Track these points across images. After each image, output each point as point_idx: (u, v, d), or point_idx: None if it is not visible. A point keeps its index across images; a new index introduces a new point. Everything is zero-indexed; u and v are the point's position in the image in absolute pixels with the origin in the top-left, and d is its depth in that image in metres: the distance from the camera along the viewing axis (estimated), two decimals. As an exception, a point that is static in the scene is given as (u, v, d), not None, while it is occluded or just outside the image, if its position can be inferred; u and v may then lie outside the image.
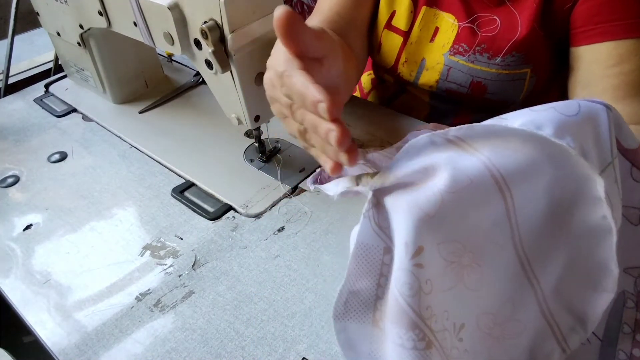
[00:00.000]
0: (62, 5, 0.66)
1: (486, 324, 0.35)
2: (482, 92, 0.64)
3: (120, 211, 0.56)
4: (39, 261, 0.51)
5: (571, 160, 0.31)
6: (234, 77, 0.49)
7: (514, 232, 0.33)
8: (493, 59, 0.61)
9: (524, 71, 0.61)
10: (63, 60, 0.79)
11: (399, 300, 0.31)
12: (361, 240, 0.33)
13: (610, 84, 0.54)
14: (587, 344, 0.37)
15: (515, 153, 0.31)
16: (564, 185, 0.32)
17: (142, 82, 0.78)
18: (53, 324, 0.44)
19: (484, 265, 0.33)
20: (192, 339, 0.42)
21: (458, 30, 0.63)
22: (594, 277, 0.34)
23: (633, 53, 0.53)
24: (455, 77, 0.65)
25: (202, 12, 0.46)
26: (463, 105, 0.70)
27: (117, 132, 0.69)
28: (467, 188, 0.30)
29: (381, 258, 0.33)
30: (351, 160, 0.33)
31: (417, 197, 0.31)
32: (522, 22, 0.59)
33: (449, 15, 0.64)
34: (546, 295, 0.35)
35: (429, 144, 0.32)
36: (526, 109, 0.32)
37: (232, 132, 0.67)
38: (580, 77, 0.58)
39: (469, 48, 0.62)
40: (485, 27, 0.62)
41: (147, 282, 0.48)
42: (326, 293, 0.45)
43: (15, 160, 0.66)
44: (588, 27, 0.56)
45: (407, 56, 0.68)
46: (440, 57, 0.65)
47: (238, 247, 0.51)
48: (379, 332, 0.35)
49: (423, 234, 0.31)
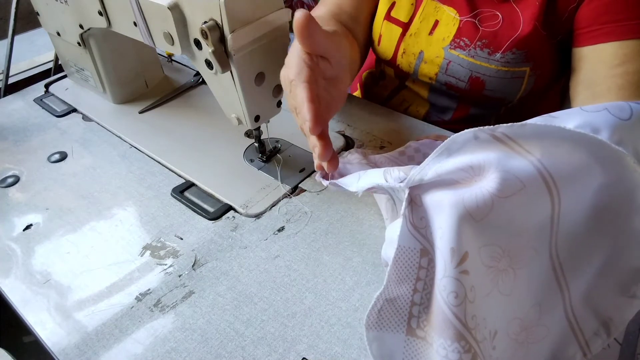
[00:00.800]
0: (62, 5, 0.66)
1: (514, 330, 0.33)
2: (480, 88, 0.64)
3: (120, 211, 0.56)
4: (39, 261, 0.51)
5: (624, 166, 0.29)
6: (234, 77, 0.49)
7: (552, 237, 0.32)
8: (493, 54, 0.61)
9: (523, 69, 0.61)
10: (63, 60, 0.79)
11: (445, 310, 0.30)
12: (401, 243, 0.32)
13: (615, 84, 0.54)
14: (607, 348, 0.36)
15: (567, 155, 0.29)
16: (613, 192, 0.31)
17: (142, 82, 0.77)
18: (53, 324, 0.44)
19: (518, 269, 0.31)
20: (192, 339, 0.42)
21: (459, 25, 0.63)
22: (627, 283, 0.33)
23: (638, 53, 0.53)
24: (455, 71, 0.65)
25: (202, 12, 0.46)
26: (461, 101, 0.70)
27: (117, 132, 0.69)
28: (519, 193, 0.29)
29: (418, 261, 0.32)
30: (330, 169, 0.42)
31: (464, 198, 0.29)
32: (524, 19, 0.59)
33: (451, 9, 0.64)
34: (573, 299, 0.34)
35: (472, 139, 0.30)
36: (576, 108, 0.31)
37: (232, 132, 0.67)
38: (583, 77, 0.57)
39: (470, 42, 0.62)
40: (487, 22, 0.62)
41: (147, 282, 0.48)
42: (326, 293, 0.45)
43: (15, 160, 0.66)
44: (593, 28, 0.55)
45: (405, 47, 0.69)
46: (440, 51, 0.65)
47: (238, 247, 0.51)
48: (415, 340, 0.33)
49: (469, 238, 0.29)
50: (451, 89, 0.67)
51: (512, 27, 0.60)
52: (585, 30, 0.56)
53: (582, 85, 0.58)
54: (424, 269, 0.32)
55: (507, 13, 0.60)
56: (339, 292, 0.45)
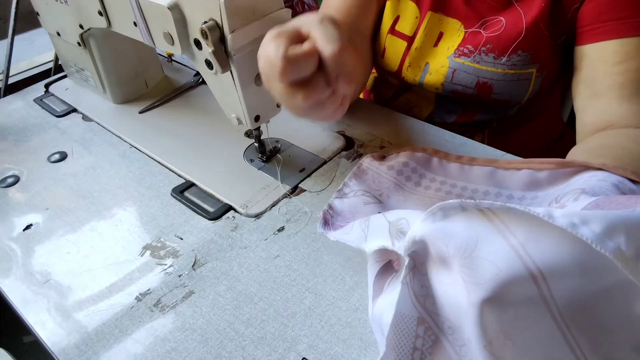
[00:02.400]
0: (62, 5, 0.66)
1: None
2: (488, 93, 0.64)
3: (120, 211, 0.56)
4: (39, 261, 0.51)
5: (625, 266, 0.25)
6: (234, 77, 0.49)
7: (550, 306, 0.29)
8: (499, 58, 0.61)
9: (530, 71, 0.61)
10: (63, 60, 0.79)
11: None
12: (399, 310, 0.31)
13: (616, 82, 0.54)
14: None
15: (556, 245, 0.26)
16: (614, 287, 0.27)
17: (142, 82, 0.78)
18: (53, 324, 0.44)
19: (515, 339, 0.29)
20: (192, 339, 0.42)
21: (465, 36, 0.63)
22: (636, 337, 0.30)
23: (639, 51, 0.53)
24: (461, 79, 0.64)
25: (202, 12, 0.46)
26: (468, 105, 0.69)
27: (117, 132, 0.69)
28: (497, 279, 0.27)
29: (414, 329, 0.31)
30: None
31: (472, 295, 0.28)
32: (527, 21, 0.59)
33: (455, 21, 0.64)
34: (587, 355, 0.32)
35: (459, 209, 0.29)
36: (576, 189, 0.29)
37: (232, 132, 0.67)
38: (585, 76, 0.57)
39: (475, 49, 0.62)
40: (490, 28, 0.62)
41: (147, 282, 0.48)
42: (326, 293, 0.45)
43: (15, 160, 0.66)
44: (595, 26, 0.55)
45: (410, 61, 0.68)
46: (445, 60, 0.65)
47: (238, 247, 0.51)
48: None
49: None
50: (459, 97, 0.67)
51: (515, 29, 0.59)
52: (587, 28, 0.56)
53: (584, 84, 0.57)
54: (420, 338, 0.31)
55: (511, 16, 0.60)
56: (339, 292, 0.45)
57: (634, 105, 0.53)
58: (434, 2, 0.65)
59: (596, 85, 0.55)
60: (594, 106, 0.56)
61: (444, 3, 0.64)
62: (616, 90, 0.54)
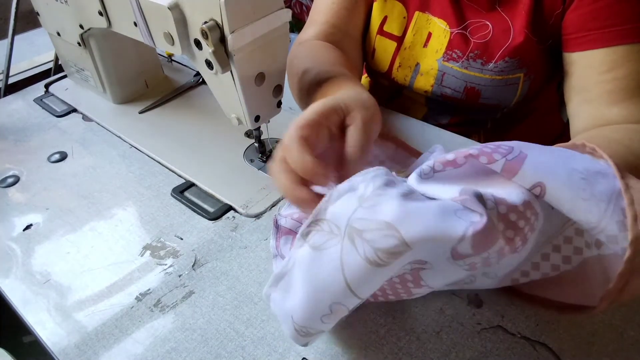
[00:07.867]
0: (62, 5, 0.66)
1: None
2: (476, 97, 0.64)
3: (120, 211, 0.56)
4: (39, 261, 0.51)
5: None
6: (234, 77, 0.49)
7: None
8: (486, 64, 0.61)
9: (517, 76, 0.62)
10: (63, 60, 0.79)
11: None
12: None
13: (605, 89, 0.54)
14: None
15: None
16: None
17: (142, 82, 0.78)
18: (53, 324, 0.45)
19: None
20: (192, 339, 0.42)
21: (450, 37, 0.64)
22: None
23: (626, 59, 0.53)
24: (450, 83, 0.65)
25: (202, 12, 0.46)
26: (458, 109, 0.70)
27: (117, 132, 0.69)
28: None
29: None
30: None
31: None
32: (515, 28, 0.59)
33: (441, 20, 0.64)
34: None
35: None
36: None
37: (232, 132, 0.67)
38: (574, 83, 0.58)
39: (463, 54, 0.63)
40: (477, 33, 0.62)
41: (147, 282, 0.48)
42: (326, 293, 0.45)
43: (15, 160, 0.66)
44: (580, 34, 0.56)
45: (400, 61, 0.69)
46: (435, 63, 0.65)
47: (238, 247, 0.51)
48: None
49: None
50: (447, 100, 0.67)
51: (503, 36, 0.60)
52: (572, 36, 0.57)
53: (574, 90, 0.58)
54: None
55: (496, 22, 0.60)
56: (339, 292, 0.45)
57: (624, 110, 0.53)
58: (420, 2, 0.65)
59: (586, 93, 0.56)
60: (585, 112, 0.57)
61: (429, 3, 0.65)
62: (605, 97, 0.54)
